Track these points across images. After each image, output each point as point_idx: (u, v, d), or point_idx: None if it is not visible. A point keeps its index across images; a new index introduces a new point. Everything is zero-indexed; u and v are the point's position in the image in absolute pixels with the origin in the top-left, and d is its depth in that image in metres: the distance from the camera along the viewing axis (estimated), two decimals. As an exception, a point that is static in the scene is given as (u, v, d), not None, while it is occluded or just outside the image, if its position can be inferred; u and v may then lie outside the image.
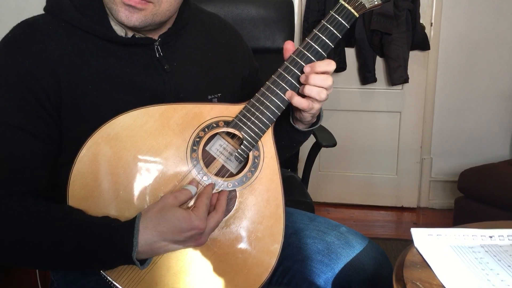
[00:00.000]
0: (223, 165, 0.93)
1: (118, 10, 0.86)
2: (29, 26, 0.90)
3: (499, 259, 0.86)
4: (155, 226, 0.81)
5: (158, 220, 0.81)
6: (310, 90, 0.91)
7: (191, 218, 0.81)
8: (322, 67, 0.90)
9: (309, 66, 0.91)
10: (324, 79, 0.90)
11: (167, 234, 0.81)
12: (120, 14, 0.87)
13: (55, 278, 1.02)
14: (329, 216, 2.93)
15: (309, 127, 1.04)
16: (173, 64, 0.97)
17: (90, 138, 0.85)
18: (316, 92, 0.91)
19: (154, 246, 0.82)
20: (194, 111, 0.91)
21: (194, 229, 0.82)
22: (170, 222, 0.81)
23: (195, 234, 0.82)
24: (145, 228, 0.81)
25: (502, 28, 2.79)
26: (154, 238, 0.81)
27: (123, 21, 0.87)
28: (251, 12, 1.91)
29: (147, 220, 0.82)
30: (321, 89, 0.91)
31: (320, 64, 0.90)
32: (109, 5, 0.88)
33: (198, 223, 0.81)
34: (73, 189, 0.84)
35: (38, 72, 0.85)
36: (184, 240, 0.83)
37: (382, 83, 2.88)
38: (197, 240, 0.84)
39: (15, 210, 0.82)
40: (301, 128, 1.02)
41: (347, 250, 1.03)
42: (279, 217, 0.91)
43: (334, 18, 0.91)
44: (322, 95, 0.91)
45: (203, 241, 0.85)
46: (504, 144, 2.93)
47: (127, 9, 0.86)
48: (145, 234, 0.81)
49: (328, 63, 0.91)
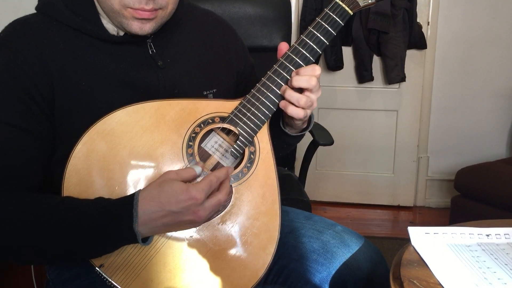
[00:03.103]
0: (218, 161, 0.93)
1: (130, 24, 0.88)
2: (21, 25, 0.90)
3: (496, 257, 0.86)
4: (153, 198, 0.80)
5: (157, 191, 0.81)
6: (291, 96, 0.91)
7: (189, 189, 0.80)
8: (308, 71, 0.90)
9: (295, 72, 0.91)
10: (307, 80, 0.90)
11: (164, 204, 0.80)
12: (133, 27, 0.88)
13: (51, 277, 1.02)
14: (325, 214, 2.94)
15: (300, 131, 1.04)
16: (167, 60, 0.97)
17: (85, 133, 0.85)
18: (296, 99, 0.91)
19: (152, 216, 0.80)
20: (189, 107, 0.91)
21: (191, 199, 0.80)
22: (168, 192, 0.80)
23: (192, 205, 0.81)
24: (144, 199, 0.80)
25: (498, 27, 2.79)
26: (152, 208, 0.80)
27: (136, 32, 0.89)
28: (248, 10, 1.91)
29: (146, 192, 0.81)
30: (300, 95, 0.91)
31: (306, 69, 0.91)
32: (119, 19, 0.88)
33: (195, 193, 0.80)
34: (68, 185, 0.84)
35: (30, 69, 0.86)
36: (181, 211, 0.81)
37: (379, 81, 2.88)
38: (195, 213, 0.81)
39: (9, 203, 0.82)
40: (292, 133, 1.03)
41: (342, 249, 1.03)
42: (275, 213, 0.91)
43: (329, 15, 0.92)
44: (301, 101, 0.91)
45: (202, 215, 0.82)
46: (501, 143, 2.93)
47: (139, 21, 0.88)
48: (144, 205, 0.80)
49: (312, 68, 0.91)
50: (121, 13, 0.87)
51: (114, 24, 0.92)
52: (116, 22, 0.90)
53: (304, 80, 0.90)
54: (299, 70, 0.91)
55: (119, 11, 0.87)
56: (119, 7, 0.86)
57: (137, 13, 0.87)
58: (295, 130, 1.03)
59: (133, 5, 0.86)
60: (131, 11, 0.87)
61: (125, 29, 0.90)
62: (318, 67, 0.92)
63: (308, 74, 0.90)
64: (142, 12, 0.87)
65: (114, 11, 0.87)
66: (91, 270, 0.87)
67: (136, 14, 0.87)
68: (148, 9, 0.87)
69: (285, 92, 0.91)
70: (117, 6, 0.86)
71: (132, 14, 0.87)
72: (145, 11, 0.87)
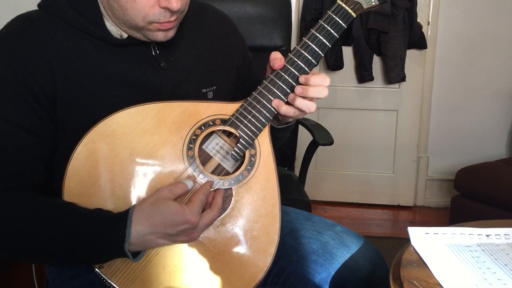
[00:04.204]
0: (219, 163, 0.93)
1: (156, 35, 0.89)
2: (24, 21, 0.89)
3: (495, 258, 0.86)
4: (148, 218, 0.80)
5: (152, 212, 0.81)
6: (302, 104, 0.91)
7: (184, 212, 0.80)
8: (318, 81, 0.91)
9: (304, 77, 0.91)
10: (321, 91, 0.91)
11: (159, 227, 0.80)
12: (158, 37, 0.90)
13: (50, 277, 1.02)
14: (325, 214, 2.94)
15: (285, 124, 1.03)
16: (170, 60, 0.97)
17: (86, 135, 0.85)
18: (307, 106, 0.91)
19: (146, 238, 0.81)
20: (190, 109, 0.91)
21: (187, 223, 0.81)
22: (163, 214, 0.80)
23: (188, 229, 0.82)
24: (138, 219, 0.80)
25: (498, 27, 2.79)
26: (146, 229, 0.80)
27: (161, 40, 0.90)
28: (249, 10, 1.91)
29: (140, 211, 0.81)
30: (312, 103, 0.92)
31: (315, 79, 0.91)
32: (143, 32, 0.89)
33: (191, 217, 0.81)
34: (68, 186, 0.84)
35: (33, 67, 0.85)
36: (176, 233, 0.82)
37: (379, 81, 2.88)
38: (189, 235, 0.83)
39: (9, 202, 0.82)
40: (276, 125, 1.02)
41: (342, 250, 1.03)
42: (275, 216, 0.91)
43: (332, 18, 0.91)
44: (312, 109, 0.92)
45: (195, 236, 0.84)
46: (501, 143, 2.93)
47: (164, 31, 0.89)
48: (138, 225, 0.80)
49: (322, 78, 0.91)
50: (146, 28, 0.88)
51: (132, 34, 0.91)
52: (137, 34, 0.90)
53: (317, 91, 0.90)
54: (309, 79, 0.91)
55: (144, 27, 0.87)
56: (144, 24, 0.87)
57: (162, 26, 0.88)
58: (281, 123, 1.02)
59: (159, 20, 0.86)
60: (157, 25, 0.87)
61: (149, 39, 0.91)
62: (328, 78, 0.92)
63: (320, 85, 0.91)
64: (167, 24, 0.88)
65: (138, 27, 0.88)
66: (91, 270, 0.87)
67: (161, 27, 0.88)
68: (173, 19, 0.88)
69: (295, 101, 0.91)
70: (142, 23, 0.87)
71: (157, 27, 0.88)
72: (170, 22, 0.88)
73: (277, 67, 0.92)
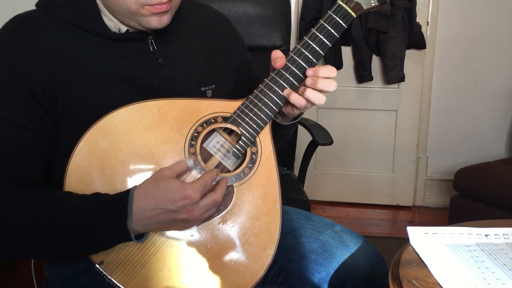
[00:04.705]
0: (220, 161, 0.93)
1: (149, 20, 0.89)
2: (22, 21, 0.90)
3: (494, 257, 0.86)
4: (148, 194, 0.81)
5: (152, 188, 0.81)
6: (313, 94, 0.92)
7: (184, 188, 0.81)
8: (326, 73, 0.91)
9: (312, 70, 0.92)
10: (330, 83, 0.91)
11: (159, 202, 0.80)
12: (152, 23, 0.89)
13: (50, 276, 1.02)
14: (325, 214, 2.94)
15: (291, 120, 1.03)
16: (168, 57, 0.97)
17: (88, 131, 0.85)
18: (317, 98, 0.92)
19: (146, 214, 0.81)
20: (192, 107, 0.91)
21: (186, 198, 0.81)
22: (163, 190, 0.81)
23: (187, 204, 0.81)
24: (139, 196, 0.81)
25: (498, 27, 2.79)
26: (146, 205, 0.80)
27: (156, 26, 0.90)
28: (248, 10, 1.91)
29: (141, 189, 0.82)
30: (322, 95, 0.92)
31: (323, 70, 0.91)
32: (136, 18, 0.89)
33: (191, 193, 0.81)
34: (69, 182, 0.84)
35: (31, 66, 0.86)
36: (176, 209, 0.81)
37: (378, 81, 2.88)
38: (190, 212, 0.82)
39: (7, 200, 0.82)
40: (283, 122, 1.03)
41: (341, 249, 1.03)
42: (276, 213, 0.91)
43: (332, 18, 0.92)
44: (322, 101, 0.93)
45: (196, 214, 0.82)
46: (500, 143, 2.94)
47: (157, 15, 0.89)
48: (139, 201, 0.80)
49: (330, 70, 0.92)
50: (139, 12, 0.88)
51: (128, 23, 0.92)
52: (132, 22, 0.91)
53: (326, 84, 0.91)
54: (317, 70, 0.91)
55: (137, 11, 0.87)
56: (136, 7, 0.87)
57: (155, 8, 0.88)
58: (287, 120, 1.03)
59: (151, 2, 0.87)
60: (149, 8, 0.87)
61: (143, 27, 0.91)
62: (334, 69, 0.92)
63: (329, 77, 0.92)
64: (159, 6, 0.88)
65: (131, 11, 0.88)
66: (91, 269, 0.87)
67: (154, 10, 0.88)
68: (165, 1, 0.88)
69: (305, 91, 0.92)
70: (134, 6, 0.87)
71: (150, 11, 0.88)
72: (163, 4, 0.88)
73: (278, 66, 0.92)
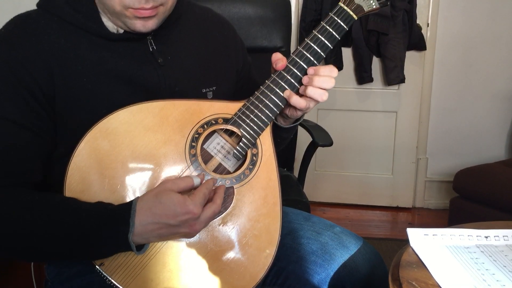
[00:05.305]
0: (220, 163, 0.93)
1: (134, 23, 0.89)
2: (22, 21, 0.90)
3: (494, 259, 0.86)
4: (150, 208, 0.81)
5: (154, 202, 0.81)
6: (314, 92, 0.92)
7: (186, 203, 0.81)
8: (326, 72, 0.92)
9: (313, 69, 0.92)
10: (328, 81, 0.92)
11: (161, 217, 0.81)
12: (136, 26, 0.89)
13: (49, 277, 1.02)
14: (324, 215, 2.94)
15: (292, 123, 1.04)
16: (167, 57, 0.97)
17: (89, 132, 0.85)
18: (319, 94, 0.92)
19: (148, 228, 0.81)
20: (193, 108, 0.91)
21: (188, 214, 0.81)
22: (165, 205, 0.81)
23: (189, 219, 0.82)
24: (141, 210, 0.81)
25: (498, 29, 2.79)
26: (148, 219, 0.81)
27: (140, 30, 0.90)
28: (248, 11, 1.91)
29: (143, 202, 0.82)
30: (323, 92, 0.93)
31: (324, 69, 0.92)
32: (122, 19, 0.89)
33: (193, 208, 0.81)
34: (70, 183, 0.84)
35: (31, 65, 0.86)
36: (177, 224, 0.82)
37: (378, 83, 2.88)
38: (191, 226, 0.83)
39: (8, 199, 0.82)
40: (284, 125, 1.03)
41: (341, 251, 1.03)
42: (276, 215, 0.91)
43: (333, 20, 0.92)
44: (324, 97, 0.93)
45: (198, 228, 0.84)
46: (500, 145, 2.94)
47: (141, 20, 0.88)
48: (140, 215, 0.81)
49: (331, 69, 0.92)
50: (123, 13, 0.88)
51: (116, 23, 0.92)
52: (119, 22, 0.91)
53: (323, 81, 0.92)
54: (318, 69, 0.92)
55: (121, 12, 0.87)
56: (120, 8, 0.87)
57: (138, 12, 0.87)
58: (287, 123, 1.03)
59: (133, 5, 0.86)
60: (132, 11, 0.87)
61: (129, 28, 0.91)
62: (336, 69, 0.93)
63: (328, 75, 0.92)
64: (143, 11, 0.87)
65: (116, 12, 0.88)
66: (90, 270, 0.87)
67: (137, 14, 0.87)
68: (148, 7, 0.87)
69: (306, 90, 0.92)
70: (118, 8, 0.87)
71: (133, 14, 0.87)
72: (146, 9, 0.87)
73: (279, 68, 0.93)
